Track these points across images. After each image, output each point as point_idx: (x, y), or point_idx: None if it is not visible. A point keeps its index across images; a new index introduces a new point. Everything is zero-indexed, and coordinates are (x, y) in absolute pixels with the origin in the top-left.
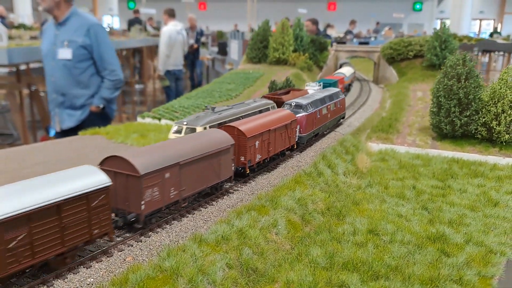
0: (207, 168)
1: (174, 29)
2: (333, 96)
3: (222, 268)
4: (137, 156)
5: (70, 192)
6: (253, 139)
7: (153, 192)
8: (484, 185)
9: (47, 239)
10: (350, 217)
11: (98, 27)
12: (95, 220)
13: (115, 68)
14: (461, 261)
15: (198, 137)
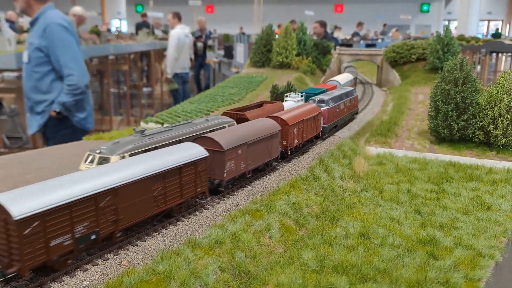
0: (263, 148)
1: (182, 32)
2: (348, 94)
3: (215, 271)
4: (220, 137)
5: (186, 159)
6: (293, 127)
7: (231, 164)
8: (479, 188)
9: (173, 191)
10: (344, 221)
11: (53, 26)
12: (198, 181)
13: (72, 73)
14: (448, 264)
15: (257, 123)
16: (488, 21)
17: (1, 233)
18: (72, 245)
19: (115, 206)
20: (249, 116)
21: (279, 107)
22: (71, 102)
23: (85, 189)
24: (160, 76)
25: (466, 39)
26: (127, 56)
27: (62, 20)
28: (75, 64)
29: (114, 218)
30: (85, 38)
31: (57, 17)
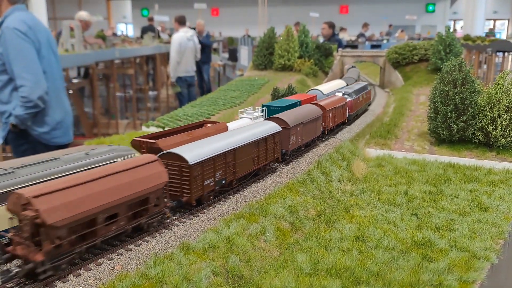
0: (312, 127)
1: (184, 35)
2: (364, 88)
3: (208, 275)
4: (286, 116)
5: (270, 131)
6: (329, 112)
7: (293, 138)
8: (477, 190)
9: (262, 155)
10: (340, 224)
11: (8, 31)
12: (275, 149)
13: (24, 83)
14: (442, 266)
15: (306, 107)
16: (494, 20)
17: (177, 173)
18: (213, 186)
19: (234, 161)
20: (161, 146)
21: (220, 129)
22: (24, 116)
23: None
24: (166, 79)
25: (472, 39)
26: (133, 60)
27: (20, 25)
28: (28, 74)
29: (233, 170)
30: (91, 43)
31: (16, 20)
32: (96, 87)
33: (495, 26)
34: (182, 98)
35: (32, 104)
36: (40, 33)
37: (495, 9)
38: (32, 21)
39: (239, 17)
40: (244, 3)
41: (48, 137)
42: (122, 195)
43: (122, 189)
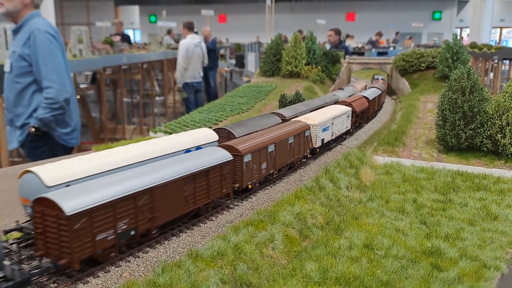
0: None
1: (191, 42)
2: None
3: (216, 283)
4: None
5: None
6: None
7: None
8: (486, 198)
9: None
10: (348, 232)
11: (38, 33)
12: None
13: (51, 85)
14: (452, 275)
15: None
16: (500, 28)
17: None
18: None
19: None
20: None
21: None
22: (49, 118)
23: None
24: (173, 85)
25: (479, 47)
26: (140, 65)
27: (49, 28)
28: (56, 76)
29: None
30: (99, 48)
31: (43, 24)
32: (103, 93)
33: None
34: (189, 103)
35: (58, 106)
36: (60, 38)
37: (501, 17)
38: (53, 26)
39: (246, 24)
40: (251, 10)
41: (67, 138)
42: None
43: None
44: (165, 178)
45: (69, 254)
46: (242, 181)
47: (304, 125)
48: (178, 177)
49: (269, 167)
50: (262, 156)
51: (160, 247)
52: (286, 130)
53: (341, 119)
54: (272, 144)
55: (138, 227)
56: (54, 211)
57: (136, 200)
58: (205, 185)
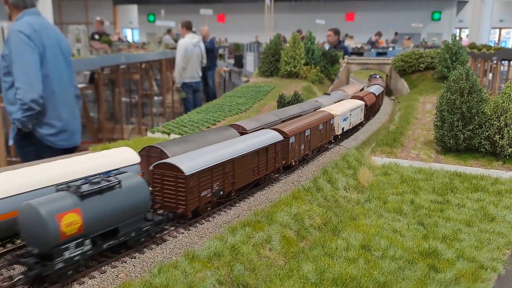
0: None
1: (190, 41)
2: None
3: (213, 284)
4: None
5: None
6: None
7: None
8: (483, 199)
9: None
10: (346, 232)
11: (11, 33)
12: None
13: (19, 86)
14: (449, 277)
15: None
16: (499, 29)
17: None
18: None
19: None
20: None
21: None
22: (22, 119)
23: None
24: (171, 85)
25: (478, 47)
26: (139, 65)
27: (25, 28)
28: (23, 77)
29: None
30: (97, 48)
31: (22, 24)
32: (101, 92)
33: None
34: (188, 104)
35: (26, 107)
36: (48, 37)
37: (501, 18)
38: (40, 25)
39: (245, 23)
40: (251, 10)
41: (53, 139)
42: None
43: None
44: (242, 151)
45: (184, 205)
46: (288, 159)
47: (330, 115)
48: (249, 151)
49: (306, 149)
50: (302, 139)
51: (156, 248)
52: (317, 118)
53: (356, 111)
54: (308, 129)
55: (224, 189)
56: (174, 172)
57: (224, 167)
58: (265, 159)
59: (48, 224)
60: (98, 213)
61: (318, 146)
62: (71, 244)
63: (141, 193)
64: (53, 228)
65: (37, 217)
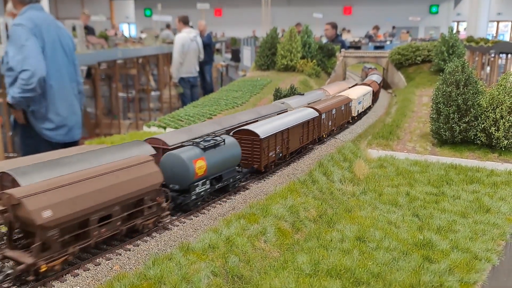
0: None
1: (187, 36)
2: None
3: (207, 276)
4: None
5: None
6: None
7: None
8: (479, 191)
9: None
10: (341, 224)
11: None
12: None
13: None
14: (443, 267)
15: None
16: (497, 22)
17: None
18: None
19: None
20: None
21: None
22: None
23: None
24: (169, 80)
25: (475, 41)
26: (135, 60)
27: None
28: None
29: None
30: (93, 43)
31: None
32: (98, 88)
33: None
34: (185, 99)
35: (31, 87)
36: (48, 32)
37: (499, 11)
38: (41, 20)
39: (242, 17)
40: (248, 3)
41: (51, 133)
42: None
43: None
44: (294, 123)
45: (259, 161)
46: (320, 132)
47: (348, 98)
48: (298, 123)
49: (332, 125)
50: (329, 116)
51: (151, 240)
52: (339, 100)
53: (366, 96)
54: (334, 109)
55: (282, 152)
56: (251, 136)
57: (283, 135)
58: (306, 131)
59: (189, 166)
60: (214, 161)
61: (340, 124)
62: (199, 183)
63: (236, 150)
64: (191, 169)
65: (181, 161)
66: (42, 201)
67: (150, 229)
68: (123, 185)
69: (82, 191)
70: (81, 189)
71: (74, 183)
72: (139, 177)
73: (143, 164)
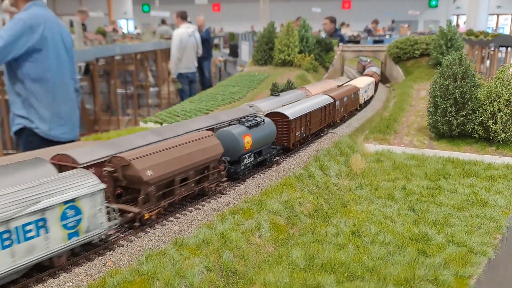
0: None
1: (185, 32)
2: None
3: (201, 271)
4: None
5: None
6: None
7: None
8: (476, 184)
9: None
10: (336, 219)
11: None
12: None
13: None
14: (438, 261)
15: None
16: (497, 15)
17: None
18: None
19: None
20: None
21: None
22: None
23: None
24: (167, 76)
25: (475, 34)
26: (134, 56)
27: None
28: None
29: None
30: (91, 39)
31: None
32: (96, 84)
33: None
34: (184, 94)
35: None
36: (51, 30)
37: (498, 4)
38: (43, 17)
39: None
40: None
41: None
42: None
43: None
44: (315, 107)
45: (288, 140)
46: (334, 117)
47: (356, 87)
48: (318, 107)
49: (344, 111)
50: (342, 103)
51: (145, 236)
52: (349, 88)
53: (370, 86)
54: (345, 97)
55: (305, 132)
56: (282, 118)
57: (306, 117)
58: (324, 115)
59: (239, 141)
60: (257, 138)
61: (350, 110)
62: (246, 156)
63: (272, 129)
64: (241, 143)
65: (233, 136)
66: (145, 163)
67: (213, 191)
68: (197, 154)
69: (170, 157)
70: (169, 156)
71: (164, 151)
72: (207, 148)
73: (208, 137)
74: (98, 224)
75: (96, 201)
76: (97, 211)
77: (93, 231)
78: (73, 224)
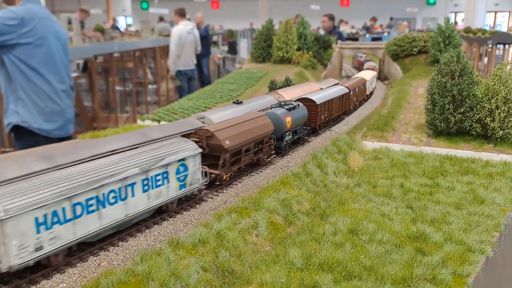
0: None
1: (184, 29)
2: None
3: (197, 271)
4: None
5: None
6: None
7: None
8: (473, 182)
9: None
10: (334, 217)
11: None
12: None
13: None
14: (436, 260)
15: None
16: (495, 12)
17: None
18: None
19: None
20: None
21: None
22: None
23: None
24: (166, 73)
25: (473, 31)
26: (132, 53)
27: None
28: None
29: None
30: (89, 36)
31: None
32: (95, 81)
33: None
34: (182, 91)
35: None
36: (44, 26)
37: (496, 1)
38: (37, 14)
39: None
40: None
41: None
42: None
43: None
44: (335, 95)
45: (315, 122)
46: (349, 105)
47: (364, 79)
48: (338, 96)
49: (355, 101)
50: (354, 93)
51: (140, 235)
52: (358, 80)
53: (374, 79)
54: (357, 87)
55: (328, 116)
56: (310, 102)
57: (329, 103)
58: (341, 102)
59: (282, 120)
60: (294, 119)
61: (360, 100)
62: (287, 133)
63: (305, 112)
64: (284, 122)
65: (278, 117)
66: (225, 134)
67: (265, 162)
68: (257, 129)
69: (240, 131)
70: (240, 129)
71: (236, 125)
72: (263, 125)
73: (262, 117)
74: (197, 180)
75: (196, 161)
76: (196, 169)
77: (194, 184)
78: (182, 177)
